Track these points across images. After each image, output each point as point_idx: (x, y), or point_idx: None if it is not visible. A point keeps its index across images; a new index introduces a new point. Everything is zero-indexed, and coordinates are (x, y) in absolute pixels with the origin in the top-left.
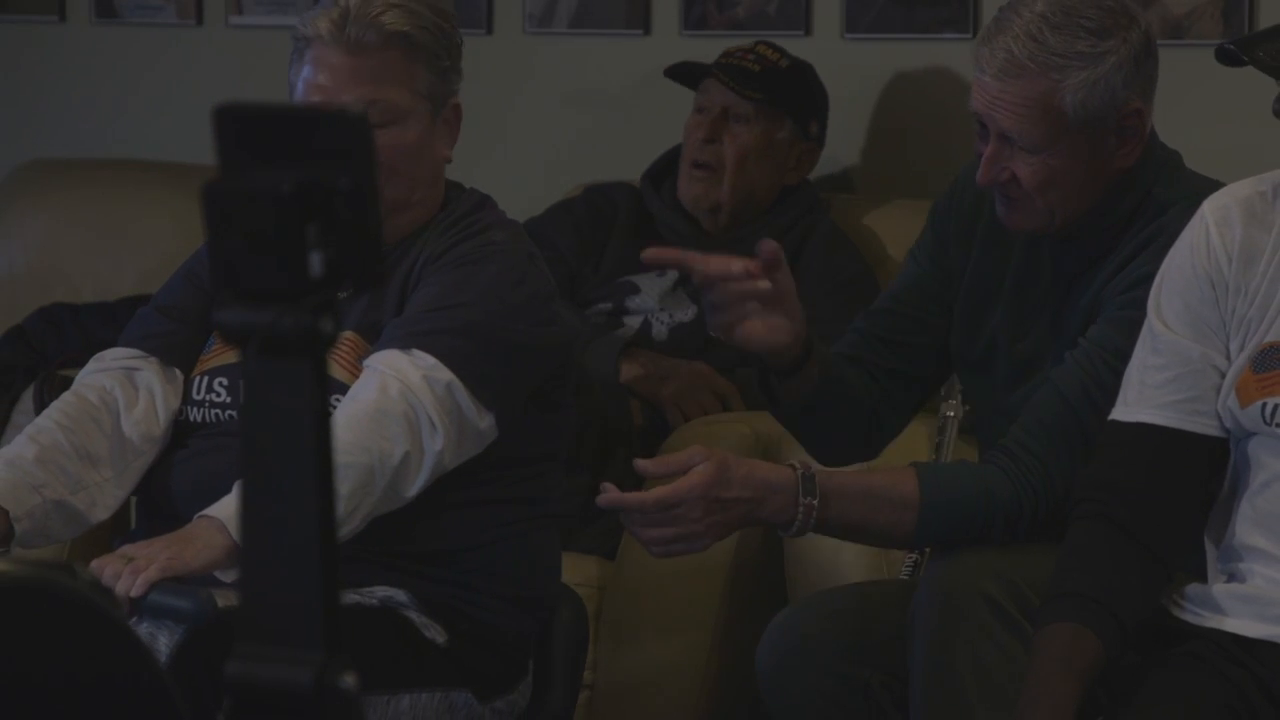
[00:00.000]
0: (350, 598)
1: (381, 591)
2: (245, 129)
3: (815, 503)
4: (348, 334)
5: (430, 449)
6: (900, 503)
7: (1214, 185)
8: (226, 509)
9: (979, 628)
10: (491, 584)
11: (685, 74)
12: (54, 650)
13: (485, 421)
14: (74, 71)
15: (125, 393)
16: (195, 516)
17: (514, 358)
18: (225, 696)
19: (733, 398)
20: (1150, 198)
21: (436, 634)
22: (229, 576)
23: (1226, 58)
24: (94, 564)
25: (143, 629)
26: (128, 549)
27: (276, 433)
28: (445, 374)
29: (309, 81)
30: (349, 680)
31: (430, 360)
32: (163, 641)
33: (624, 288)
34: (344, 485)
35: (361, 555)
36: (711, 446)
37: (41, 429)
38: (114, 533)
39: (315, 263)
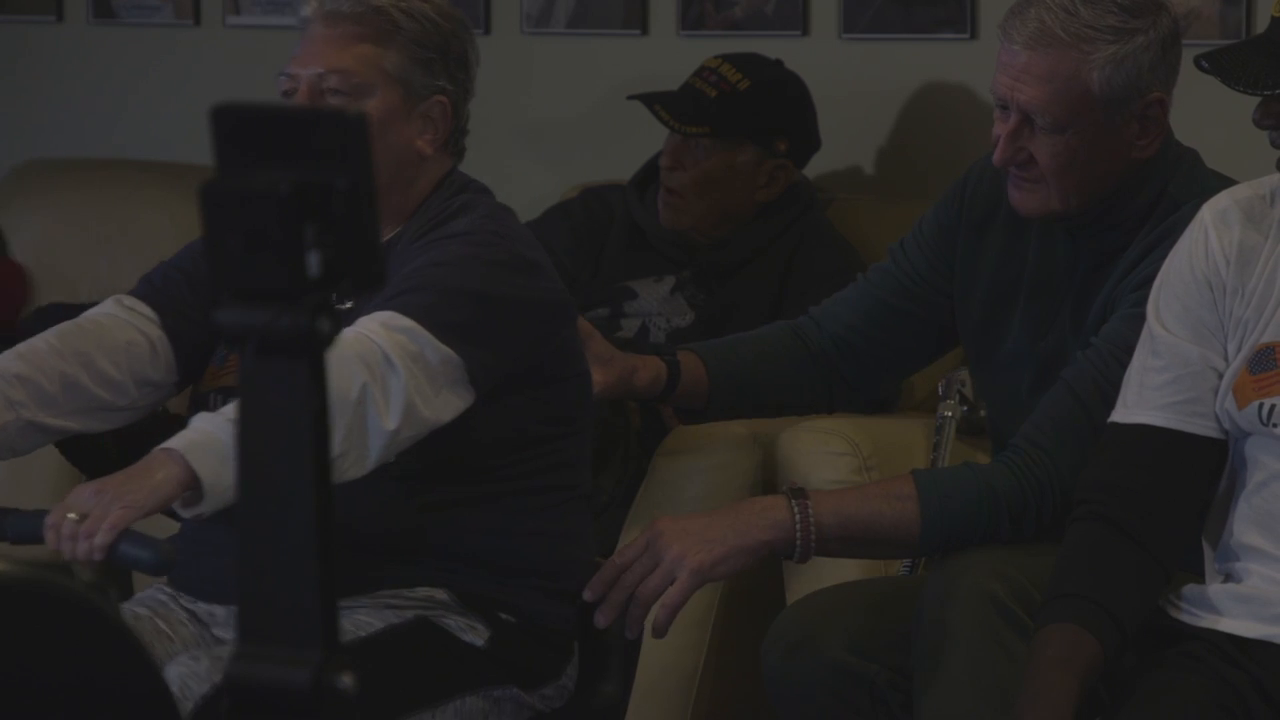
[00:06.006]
0: (389, 601)
1: (423, 591)
2: (243, 129)
3: (809, 503)
4: None
5: (393, 384)
6: (898, 497)
7: (1229, 184)
8: (184, 439)
9: (983, 626)
10: (528, 576)
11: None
12: (53, 650)
13: (454, 366)
14: (71, 72)
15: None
16: (155, 449)
17: (484, 305)
18: (224, 696)
19: None
20: (1166, 193)
21: (476, 635)
22: (187, 511)
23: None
24: (48, 522)
25: (174, 677)
26: (76, 500)
27: (274, 432)
28: (404, 321)
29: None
30: (346, 680)
31: (389, 313)
32: (193, 690)
33: (622, 292)
34: None
35: (402, 556)
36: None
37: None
38: None
39: (313, 263)
